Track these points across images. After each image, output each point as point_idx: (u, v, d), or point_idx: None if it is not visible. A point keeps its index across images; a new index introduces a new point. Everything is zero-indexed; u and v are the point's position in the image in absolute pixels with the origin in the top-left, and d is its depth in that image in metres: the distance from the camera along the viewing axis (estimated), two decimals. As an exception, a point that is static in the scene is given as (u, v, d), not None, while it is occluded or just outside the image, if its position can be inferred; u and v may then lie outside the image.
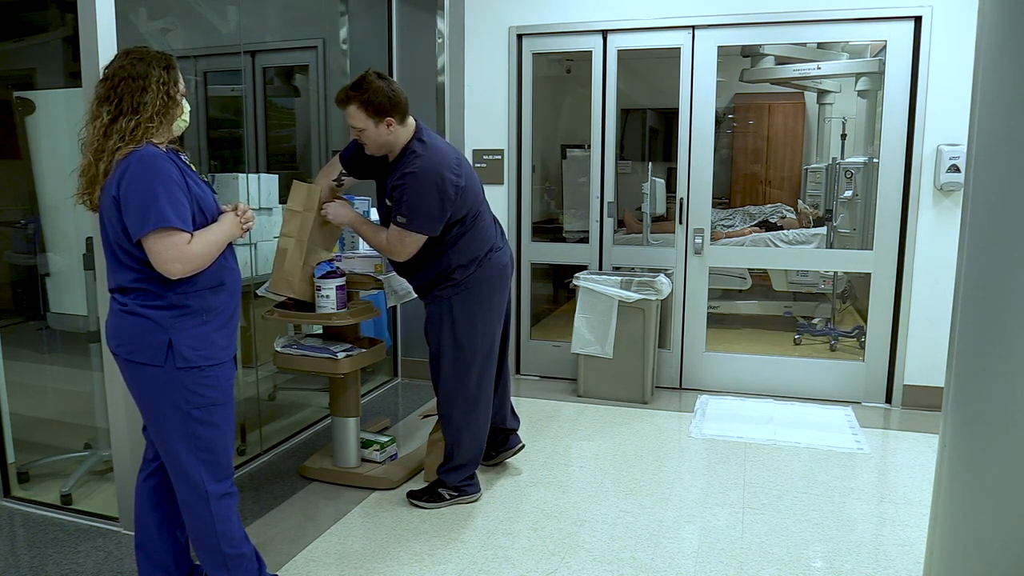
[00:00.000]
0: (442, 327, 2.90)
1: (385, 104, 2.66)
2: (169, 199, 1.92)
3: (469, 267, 2.87)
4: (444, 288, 2.87)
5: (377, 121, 2.68)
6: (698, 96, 4.38)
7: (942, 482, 1.62)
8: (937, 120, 3.98)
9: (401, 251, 2.78)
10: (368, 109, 2.65)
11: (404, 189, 2.69)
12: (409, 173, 2.70)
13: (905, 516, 2.96)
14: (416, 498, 3.03)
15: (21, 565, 2.59)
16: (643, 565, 2.59)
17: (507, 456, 3.38)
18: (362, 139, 2.75)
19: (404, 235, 2.74)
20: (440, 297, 2.88)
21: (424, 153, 2.74)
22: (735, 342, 5.42)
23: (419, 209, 2.70)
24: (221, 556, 2.13)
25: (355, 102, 2.66)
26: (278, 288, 2.96)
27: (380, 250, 2.89)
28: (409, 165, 2.72)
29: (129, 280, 1.99)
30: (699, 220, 4.47)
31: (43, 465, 3.23)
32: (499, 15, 4.60)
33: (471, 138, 4.76)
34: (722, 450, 3.63)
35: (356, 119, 2.68)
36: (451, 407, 2.99)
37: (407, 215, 2.70)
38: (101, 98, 1.98)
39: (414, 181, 2.68)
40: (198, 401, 2.02)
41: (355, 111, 2.66)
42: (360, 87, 2.68)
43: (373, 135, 2.71)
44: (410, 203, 2.69)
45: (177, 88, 2.04)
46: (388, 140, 2.75)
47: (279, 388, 4.32)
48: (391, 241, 2.77)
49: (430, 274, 2.88)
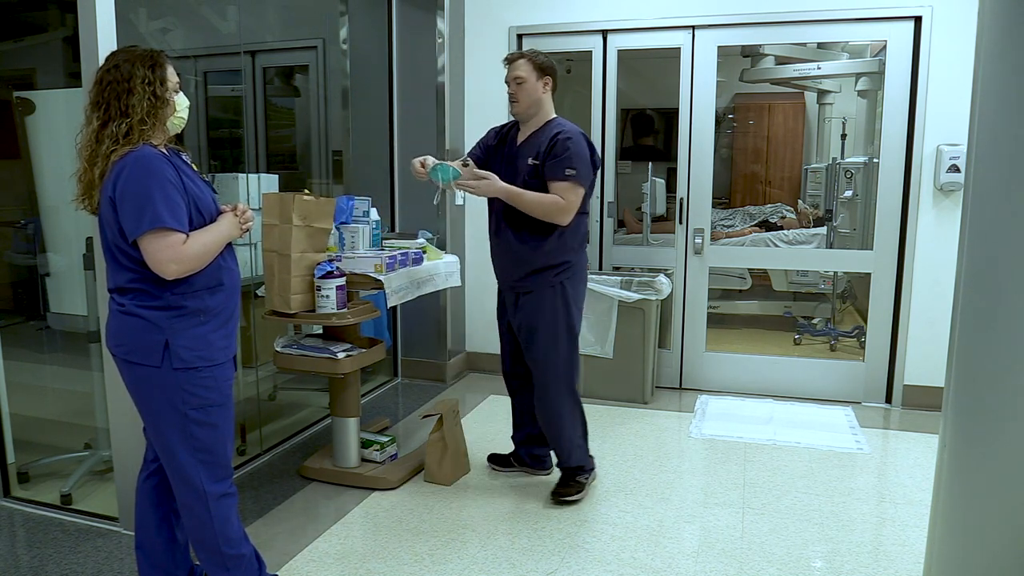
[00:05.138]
0: (557, 313, 2.96)
1: (547, 65, 2.96)
2: (164, 199, 1.91)
3: (579, 252, 3.02)
4: (559, 273, 2.95)
5: (538, 75, 2.93)
6: (698, 96, 4.38)
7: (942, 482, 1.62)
8: (937, 120, 3.98)
9: (571, 204, 2.86)
10: (533, 63, 2.93)
11: (568, 143, 2.85)
12: (565, 134, 2.87)
13: (905, 516, 2.96)
14: (564, 495, 3.05)
15: (21, 565, 2.59)
16: (643, 565, 2.59)
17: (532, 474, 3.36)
18: (518, 94, 2.93)
19: (575, 187, 2.85)
20: (554, 284, 2.95)
21: (571, 126, 2.95)
22: (735, 342, 5.43)
23: (584, 162, 2.87)
24: (221, 556, 2.12)
25: (525, 57, 2.95)
26: (276, 307, 2.96)
27: (546, 210, 2.86)
28: (560, 130, 2.90)
29: (126, 280, 1.99)
30: (699, 220, 4.47)
31: (43, 465, 3.23)
32: (499, 15, 4.60)
33: (471, 138, 4.75)
34: (722, 450, 3.63)
35: (521, 69, 2.92)
36: (560, 393, 3.02)
37: (576, 167, 2.84)
38: (92, 103, 1.98)
39: (574, 140, 2.87)
40: (196, 402, 2.02)
41: (523, 63, 2.93)
42: (533, 51, 3.00)
43: (530, 88, 2.92)
44: (576, 155, 2.85)
45: (165, 87, 2.00)
46: (539, 99, 2.95)
47: (279, 388, 4.32)
48: (564, 192, 2.84)
49: (556, 257, 2.94)
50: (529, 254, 2.94)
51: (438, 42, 4.51)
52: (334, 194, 4.50)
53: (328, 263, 2.99)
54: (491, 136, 3.15)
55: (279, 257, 2.92)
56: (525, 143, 2.99)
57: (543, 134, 2.94)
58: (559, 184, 2.85)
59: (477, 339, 4.94)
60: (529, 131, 3.00)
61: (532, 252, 2.94)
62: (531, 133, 2.99)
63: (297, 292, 2.93)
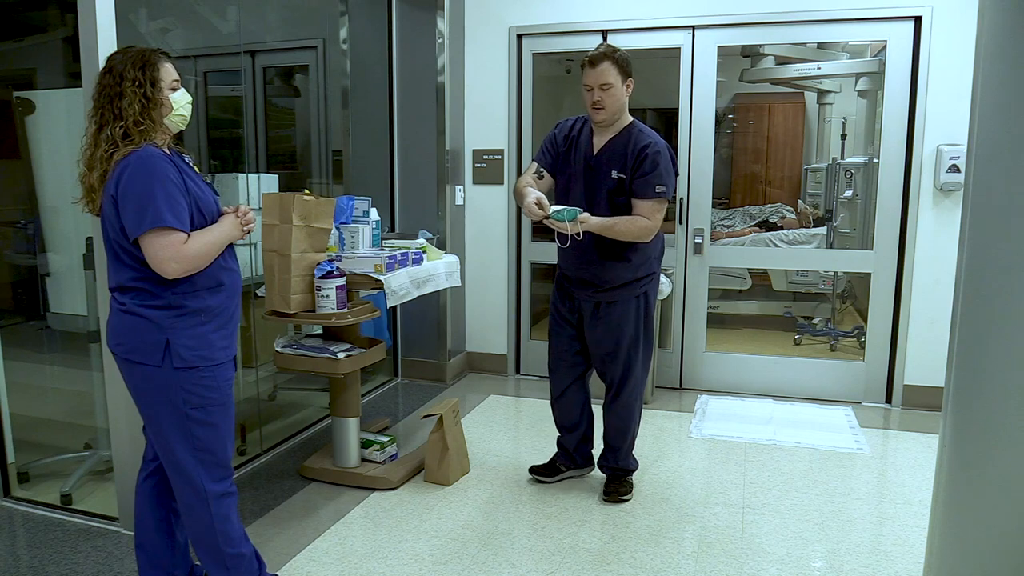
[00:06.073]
0: (639, 321, 2.95)
1: (629, 65, 2.82)
2: (166, 198, 1.92)
3: (660, 261, 3.00)
4: (642, 280, 2.92)
5: (623, 79, 2.80)
6: (698, 96, 4.38)
7: (942, 482, 1.61)
8: (937, 120, 3.98)
9: (658, 223, 2.82)
10: (619, 65, 2.77)
11: (658, 159, 2.77)
12: (653, 148, 2.78)
13: (905, 516, 2.96)
14: (621, 494, 3.06)
15: (21, 565, 2.59)
16: (643, 565, 2.59)
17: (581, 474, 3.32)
18: (605, 100, 2.78)
19: (662, 204, 2.81)
20: (638, 294, 2.94)
21: (655, 135, 2.85)
22: (735, 342, 5.43)
23: (671, 177, 2.82)
24: (221, 556, 2.13)
25: (609, 59, 2.77)
26: (276, 307, 2.96)
27: (636, 235, 2.80)
28: (648, 142, 2.80)
29: (128, 279, 1.99)
30: (699, 220, 4.47)
31: (43, 465, 3.23)
32: (499, 15, 4.60)
33: (471, 138, 4.76)
34: (722, 450, 3.63)
35: (609, 75, 2.75)
36: (635, 397, 3.03)
37: (666, 183, 2.78)
38: (92, 106, 2.00)
39: (663, 155, 2.80)
40: (196, 401, 2.02)
41: (609, 67, 2.76)
42: (612, 48, 2.80)
43: (617, 94, 2.79)
44: (665, 170, 2.79)
45: (157, 87, 1.99)
46: (623, 103, 2.83)
47: (279, 388, 4.32)
48: (651, 212, 2.78)
49: (642, 271, 2.91)
50: (618, 270, 2.88)
51: (438, 42, 4.51)
52: (334, 194, 4.50)
53: (328, 263, 2.99)
54: (559, 140, 2.97)
55: (279, 257, 2.92)
56: (605, 150, 2.85)
57: (625, 142, 2.82)
58: (647, 203, 2.77)
59: (477, 339, 4.94)
60: (607, 136, 2.86)
61: (622, 267, 2.88)
62: (610, 139, 2.86)
63: (297, 292, 2.93)
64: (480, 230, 4.82)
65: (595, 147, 2.88)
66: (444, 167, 4.59)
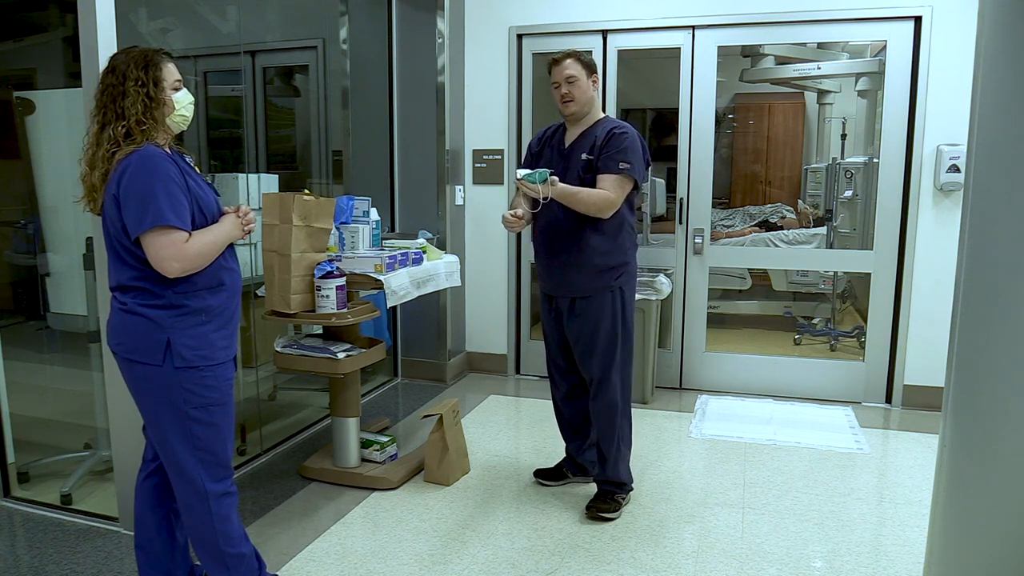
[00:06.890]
0: (615, 317, 2.95)
1: (593, 63, 2.98)
2: (167, 198, 1.92)
3: (634, 253, 3.03)
4: (618, 277, 2.94)
5: (588, 73, 2.94)
6: (698, 96, 4.38)
7: (942, 482, 1.61)
8: (937, 120, 3.98)
9: (618, 199, 2.86)
10: (581, 61, 2.94)
11: (623, 139, 2.86)
12: (620, 129, 2.90)
13: (905, 516, 2.96)
14: (603, 511, 2.94)
15: (21, 565, 2.59)
16: (643, 565, 2.59)
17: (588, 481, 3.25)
18: (573, 91, 2.91)
19: (624, 181, 2.86)
20: (613, 287, 2.94)
21: (624, 123, 2.97)
22: (735, 342, 5.43)
23: (637, 157, 2.88)
24: (221, 556, 2.13)
25: (572, 56, 2.95)
26: (276, 307, 2.96)
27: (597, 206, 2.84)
28: (614, 126, 2.92)
29: (128, 278, 1.99)
30: (699, 220, 4.47)
31: (43, 465, 3.23)
32: (499, 15, 4.61)
33: (471, 138, 4.76)
34: (722, 450, 3.63)
35: (572, 68, 2.92)
36: (618, 397, 2.99)
37: (630, 161, 2.85)
38: (94, 105, 2.00)
39: (628, 135, 2.89)
40: (196, 401, 2.02)
41: (572, 62, 2.93)
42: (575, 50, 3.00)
43: (583, 86, 2.92)
44: (631, 149, 2.87)
45: (159, 87, 2.00)
46: (591, 97, 2.96)
47: (279, 388, 4.32)
48: (612, 186, 2.84)
49: (614, 258, 2.93)
50: (588, 256, 2.90)
51: (438, 42, 4.51)
52: (334, 194, 4.50)
53: (328, 263, 2.99)
54: (534, 145, 3.10)
55: (279, 257, 2.92)
56: (577, 141, 2.95)
57: (596, 130, 2.92)
58: (609, 177, 2.83)
59: (477, 339, 4.94)
60: (579, 130, 2.96)
61: (591, 254, 2.89)
62: (582, 131, 2.95)
63: (297, 292, 2.94)
64: (480, 230, 4.82)
65: (567, 140, 2.99)
66: (444, 167, 4.59)
